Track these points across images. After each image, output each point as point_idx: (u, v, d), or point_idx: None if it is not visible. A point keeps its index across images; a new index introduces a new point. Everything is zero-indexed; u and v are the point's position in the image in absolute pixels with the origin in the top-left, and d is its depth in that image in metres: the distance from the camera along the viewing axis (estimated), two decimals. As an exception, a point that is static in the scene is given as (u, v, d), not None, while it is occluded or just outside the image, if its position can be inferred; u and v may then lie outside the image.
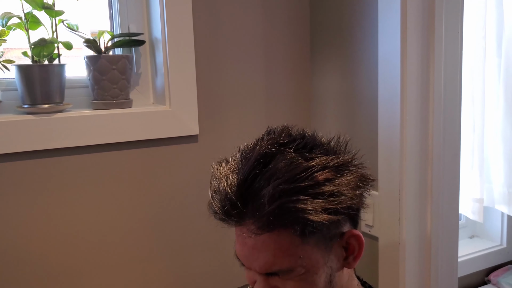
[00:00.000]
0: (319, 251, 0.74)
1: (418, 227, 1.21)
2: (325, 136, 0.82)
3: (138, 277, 1.25)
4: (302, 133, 0.80)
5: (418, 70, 1.16)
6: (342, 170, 0.74)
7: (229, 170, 0.74)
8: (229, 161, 0.77)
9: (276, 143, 0.75)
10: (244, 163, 0.73)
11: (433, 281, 1.23)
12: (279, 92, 1.39)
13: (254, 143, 0.78)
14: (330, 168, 0.73)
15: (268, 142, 0.75)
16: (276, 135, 0.78)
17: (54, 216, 1.14)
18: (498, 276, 2.00)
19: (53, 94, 1.11)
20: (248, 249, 0.74)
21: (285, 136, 0.78)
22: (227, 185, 0.72)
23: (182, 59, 1.23)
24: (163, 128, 1.23)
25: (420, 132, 1.18)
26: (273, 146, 0.74)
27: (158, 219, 1.26)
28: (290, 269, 0.73)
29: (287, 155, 0.72)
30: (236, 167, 0.74)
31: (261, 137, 0.80)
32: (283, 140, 0.76)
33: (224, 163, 0.77)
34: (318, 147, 0.77)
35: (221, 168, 0.76)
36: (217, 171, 0.76)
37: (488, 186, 1.86)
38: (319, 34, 1.39)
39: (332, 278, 0.77)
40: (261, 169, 0.71)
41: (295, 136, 0.78)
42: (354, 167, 0.77)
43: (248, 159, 0.73)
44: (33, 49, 1.09)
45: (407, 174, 1.17)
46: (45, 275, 1.14)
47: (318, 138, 0.80)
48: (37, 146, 1.09)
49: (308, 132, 0.81)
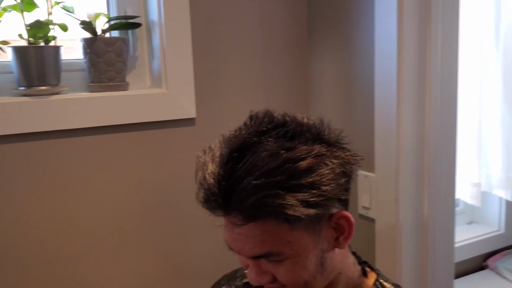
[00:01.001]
0: (308, 235, 0.73)
1: (415, 209, 1.21)
2: (308, 119, 0.80)
3: (134, 261, 1.25)
4: (283, 120, 0.77)
5: (414, 53, 1.16)
6: (325, 158, 0.72)
7: (212, 160, 0.73)
8: (213, 149, 0.76)
9: (256, 131, 0.74)
10: (224, 154, 0.72)
11: (430, 261, 1.24)
12: (277, 75, 1.39)
13: (235, 131, 0.77)
14: (312, 157, 0.71)
15: (248, 131, 0.74)
16: (257, 123, 0.76)
17: (49, 199, 1.14)
18: (496, 261, 2.01)
19: (49, 76, 1.11)
20: (235, 236, 0.74)
21: (266, 123, 0.76)
22: (209, 177, 0.72)
23: (179, 42, 1.23)
24: (160, 111, 1.22)
25: (416, 114, 1.18)
26: (253, 135, 0.73)
27: (155, 202, 1.26)
28: (279, 253, 0.73)
29: (266, 145, 0.71)
30: (217, 157, 0.73)
31: (244, 123, 0.79)
32: (263, 128, 0.74)
33: (208, 151, 0.76)
34: (300, 135, 0.75)
35: (205, 158, 0.75)
36: (201, 161, 0.75)
37: (486, 171, 1.87)
38: (317, 17, 1.39)
39: (324, 260, 0.76)
40: (239, 161, 0.70)
41: (276, 123, 0.76)
42: (340, 151, 0.76)
43: (228, 150, 0.72)
44: (29, 30, 1.09)
45: (403, 155, 1.17)
46: (39, 258, 1.15)
47: (301, 121, 0.78)
48: (33, 128, 1.09)
49: (290, 116, 0.79)
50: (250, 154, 0.70)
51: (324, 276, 0.77)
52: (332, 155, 0.74)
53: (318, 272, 0.76)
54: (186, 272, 1.32)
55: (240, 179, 0.69)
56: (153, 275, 1.28)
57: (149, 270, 1.27)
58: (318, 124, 0.79)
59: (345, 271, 0.82)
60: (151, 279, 1.27)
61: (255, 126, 0.75)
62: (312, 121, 0.79)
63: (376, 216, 1.24)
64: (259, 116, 0.78)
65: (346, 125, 1.32)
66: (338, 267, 0.80)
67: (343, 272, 0.82)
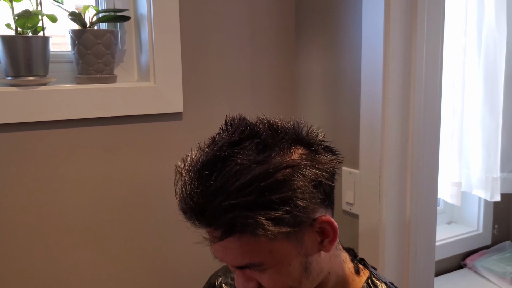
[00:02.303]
0: (289, 242, 0.71)
1: (398, 206, 1.23)
2: (284, 121, 0.77)
3: (118, 254, 1.25)
4: (257, 128, 0.73)
5: (400, 53, 1.18)
6: (301, 167, 0.70)
7: (187, 173, 0.71)
8: (190, 159, 0.73)
9: (229, 143, 0.71)
10: (196, 169, 0.70)
11: (412, 258, 1.26)
12: (264, 72, 1.40)
13: (210, 141, 0.75)
14: (284, 169, 0.69)
15: (220, 143, 0.71)
16: (230, 133, 0.73)
17: (35, 189, 1.14)
18: (474, 260, 2.05)
19: (37, 66, 1.11)
20: (216, 247, 0.73)
21: (238, 132, 0.72)
22: (185, 192, 0.70)
23: (168, 36, 1.23)
24: (147, 105, 1.23)
25: (401, 113, 1.20)
26: (225, 148, 0.70)
27: (139, 195, 1.26)
28: (261, 263, 0.72)
29: (237, 159, 0.69)
30: (192, 171, 0.71)
31: (220, 129, 0.76)
32: (236, 138, 0.72)
33: (185, 161, 0.74)
34: (275, 143, 0.72)
35: (182, 169, 0.73)
36: (179, 171, 0.73)
37: (466, 171, 1.90)
38: (305, 15, 1.40)
39: (308, 265, 0.75)
40: (209, 178, 0.68)
41: (249, 131, 0.73)
42: (321, 153, 0.74)
43: (199, 166, 0.70)
44: (17, 20, 1.08)
45: (387, 152, 1.19)
46: (25, 247, 1.14)
47: (276, 127, 0.75)
48: (19, 119, 1.08)
49: (263, 122, 0.75)
50: (220, 170, 0.68)
51: (311, 279, 0.76)
52: (311, 161, 0.72)
53: (303, 277, 0.75)
54: (167, 267, 1.32)
55: (212, 198, 0.67)
56: (133, 269, 1.28)
57: (133, 263, 1.27)
58: (295, 125, 0.76)
59: (335, 270, 0.81)
60: (131, 273, 1.27)
61: (228, 136, 0.72)
62: (289, 123, 0.76)
63: (360, 212, 1.26)
64: (234, 122, 0.75)
65: (332, 122, 1.34)
66: (326, 268, 0.79)
67: (332, 271, 0.80)
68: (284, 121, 0.77)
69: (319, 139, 0.76)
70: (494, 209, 2.14)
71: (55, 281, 1.18)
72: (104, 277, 1.24)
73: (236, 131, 0.73)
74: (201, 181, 0.69)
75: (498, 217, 2.17)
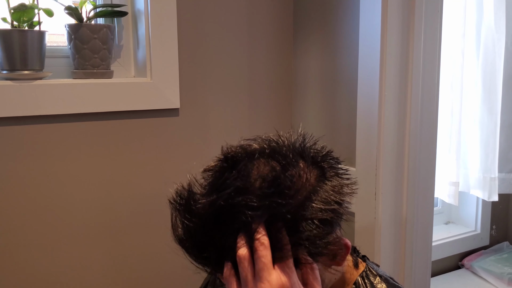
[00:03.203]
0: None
1: (394, 205, 1.23)
2: (289, 142, 0.70)
3: (114, 251, 1.25)
4: (264, 173, 0.64)
5: (397, 52, 1.17)
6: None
7: (187, 217, 0.66)
8: (186, 198, 0.67)
9: (229, 196, 0.63)
10: (198, 224, 0.65)
11: (408, 257, 1.25)
12: (262, 69, 1.40)
13: (206, 190, 0.67)
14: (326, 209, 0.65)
15: (219, 194, 0.63)
16: (232, 177, 0.64)
17: (30, 184, 1.13)
18: (472, 261, 2.05)
19: (33, 60, 1.10)
20: None
21: (243, 179, 0.64)
22: (195, 237, 0.66)
23: (165, 32, 1.23)
24: (144, 100, 1.22)
25: (398, 112, 1.20)
26: (226, 202, 0.62)
27: (133, 191, 1.26)
28: None
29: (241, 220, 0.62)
30: (197, 216, 0.65)
31: (217, 166, 0.68)
32: (239, 184, 0.63)
33: (181, 198, 0.68)
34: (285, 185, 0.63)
35: (178, 211, 0.68)
36: (178, 209, 0.68)
37: (464, 171, 1.90)
38: (302, 14, 1.40)
39: (323, 278, 0.73)
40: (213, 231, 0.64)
41: (252, 181, 0.64)
42: (331, 179, 0.68)
43: (199, 221, 0.65)
44: (13, 14, 1.08)
45: (384, 151, 1.18)
46: (18, 243, 1.14)
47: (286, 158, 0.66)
48: (13, 113, 1.08)
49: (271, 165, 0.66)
50: (225, 224, 0.63)
51: (323, 286, 0.74)
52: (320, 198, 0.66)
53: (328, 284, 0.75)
54: (162, 265, 1.31)
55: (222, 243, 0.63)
56: (129, 265, 1.27)
57: (126, 261, 1.27)
58: (301, 146, 0.70)
59: (337, 267, 0.79)
60: (127, 270, 1.27)
61: (230, 184, 0.63)
62: (297, 145, 0.70)
63: (356, 210, 1.26)
64: (235, 157, 0.67)
65: (329, 120, 1.34)
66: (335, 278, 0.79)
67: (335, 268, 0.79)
68: (290, 141, 0.70)
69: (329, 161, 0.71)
70: (492, 210, 2.13)
71: (51, 277, 1.17)
72: (100, 274, 1.23)
73: (239, 176, 0.64)
74: (206, 238, 0.64)
75: (496, 218, 2.16)
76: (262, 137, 0.72)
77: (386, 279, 0.84)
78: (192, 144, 1.31)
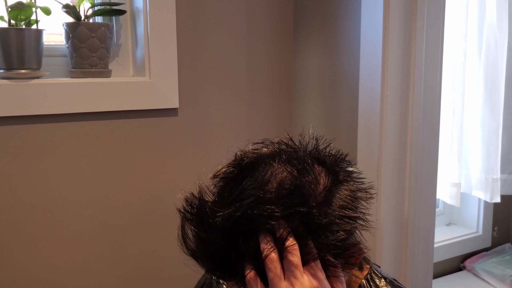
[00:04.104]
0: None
1: (396, 205, 1.21)
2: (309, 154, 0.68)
3: (111, 251, 1.23)
4: (283, 181, 0.63)
5: (399, 51, 1.16)
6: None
7: (202, 228, 0.65)
8: (197, 207, 0.67)
9: (250, 208, 0.61)
10: (216, 238, 0.63)
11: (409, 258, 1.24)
12: (262, 68, 1.38)
13: (217, 197, 0.67)
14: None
15: (244, 206, 0.61)
16: (249, 187, 0.63)
17: (26, 184, 1.12)
18: (474, 263, 2.03)
19: (30, 59, 1.09)
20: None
21: (261, 187, 0.62)
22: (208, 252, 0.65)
23: (164, 31, 1.22)
24: (142, 100, 1.21)
25: (399, 112, 1.19)
26: (247, 213, 0.61)
27: (134, 191, 1.24)
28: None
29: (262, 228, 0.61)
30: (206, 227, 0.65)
31: (230, 172, 0.67)
32: (258, 194, 0.62)
33: (192, 208, 0.68)
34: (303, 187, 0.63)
35: (191, 223, 0.67)
36: (189, 219, 0.68)
37: (466, 172, 1.88)
38: (303, 12, 1.38)
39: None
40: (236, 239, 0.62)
41: (272, 189, 0.62)
42: (347, 184, 0.67)
43: (217, 234, 0.63)
44: (10, 12, 1.06)
45: (386, 151, 1.17)
46: (14, 243, 1.12)
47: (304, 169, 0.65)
48: (11, 112, 1.07)
49: (284, 174, 0.64)
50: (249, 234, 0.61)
51: None
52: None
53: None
54: (159, 265, 1.30)
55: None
56: (126, 265, 1.26)
57: (123, 260, 1.25)
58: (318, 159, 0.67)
59: None
60: (124, 269, 1.26)
61: (249, 195, 0.62)
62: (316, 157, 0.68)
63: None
64: (250, 163, 0.66)
65: (329, 120, 1.32)
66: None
67: None
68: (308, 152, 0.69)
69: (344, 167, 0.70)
70: (494, 211, 2.12)
71: (50, 278, 1.16)
72: (97, 274, 1.22)
73: (257, 186, 0.62)
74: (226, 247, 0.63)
75: (498, 219, 2.15)
76: (271, 140, 0.71)
77: (391, 281, 0.82)
78: (191, 144, 1.30)
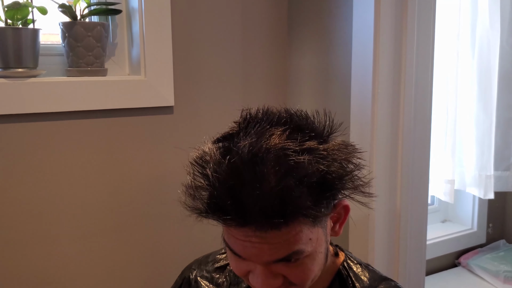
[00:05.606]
0: (321, 228, 0.71)
1: (388, 201, 1.23)
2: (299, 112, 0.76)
3: (111, 248, 1.25)
4: (283, 115, 0.74)
5: (391, 49, 1.18)
6: (348, 158, 0.72)
7: (214, 168, 0.66)
8: (209, 154, 0.70)
9: (260, 137, 0.67)
10: (233, 166, 0.65)
11: (402, 252, 1.26)
12: (256, 66, 1.40)
13: (233, 132, 0.73)
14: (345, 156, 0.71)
15: (251, 139, 0.67)
16: (256, 120, 0.72)
17: (24, 182, 1.13)
18: (468, 259, 2.05)
19: (27, 58, 1.11)
20: (253, 244, 0.67)
21: (267, 121, 0.71)
22: (220, 189, 0.65)
23: (159, 30, 1.23)
24: (138, 98, 1.23)
25: (391, 108, 1.20)
26: (256, 145, 0.65)
27: (131, 188, 1.26)
28: (302, 252, 0.68)
29: (277, 153, 0.65)
30: (223, 168, 0.65)
31: (239, 125, 0.74)
32: (266, 126, 0.69)
33: (203, 156, 0.70)
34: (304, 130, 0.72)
35: (202, 164, 0.69)
36: (198, 169, 0.69)
37: (460, 169, 1.90)
38: (297, 10, 1.40)
39: (327, 251, 0.75)
40: (251, 172, 0.64)
41: (278, 119, 0.72)
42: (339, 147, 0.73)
43: (236, 162, 0.65)
44: (7, 11, 1.08)
45: (377, 147, 1.19)
46: (13, 241, 1.14)
47: (300, 118, 0.75)
48: (8, 110, 1.08)
49: (286, 113, 0.75)
50: (260, 165, 0.64)
51: (322, 268, 0.76)
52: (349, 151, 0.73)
53: (323, 264, 0.74)
54: (160, 261, 1.32)
55: (266, 183, 0.62)
56: (127, 262, 1.27)
57: (123, 257, 1.27)
58: (306, 120, 0.76)
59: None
60: (125, 266, 1.27)
61: (257, 131, 0.69)
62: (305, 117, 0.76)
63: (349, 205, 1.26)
64: (257, 115, 0.74)
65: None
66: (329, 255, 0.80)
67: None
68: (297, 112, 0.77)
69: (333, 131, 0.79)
70: (489, 208, 2.14)
71: (48, 274, 1.18)
72: (98, 271, 1.23)
73: (263, 121, 0.71)
74: (243, 177, 0.64)
75: (493, 216, 2.17)
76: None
77: (366, 266, 0.86)
78: (187, 141, 1.31)
